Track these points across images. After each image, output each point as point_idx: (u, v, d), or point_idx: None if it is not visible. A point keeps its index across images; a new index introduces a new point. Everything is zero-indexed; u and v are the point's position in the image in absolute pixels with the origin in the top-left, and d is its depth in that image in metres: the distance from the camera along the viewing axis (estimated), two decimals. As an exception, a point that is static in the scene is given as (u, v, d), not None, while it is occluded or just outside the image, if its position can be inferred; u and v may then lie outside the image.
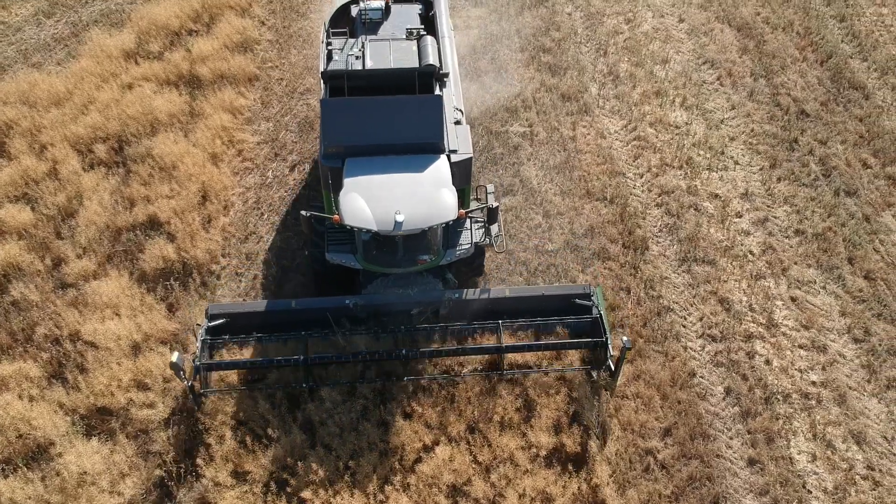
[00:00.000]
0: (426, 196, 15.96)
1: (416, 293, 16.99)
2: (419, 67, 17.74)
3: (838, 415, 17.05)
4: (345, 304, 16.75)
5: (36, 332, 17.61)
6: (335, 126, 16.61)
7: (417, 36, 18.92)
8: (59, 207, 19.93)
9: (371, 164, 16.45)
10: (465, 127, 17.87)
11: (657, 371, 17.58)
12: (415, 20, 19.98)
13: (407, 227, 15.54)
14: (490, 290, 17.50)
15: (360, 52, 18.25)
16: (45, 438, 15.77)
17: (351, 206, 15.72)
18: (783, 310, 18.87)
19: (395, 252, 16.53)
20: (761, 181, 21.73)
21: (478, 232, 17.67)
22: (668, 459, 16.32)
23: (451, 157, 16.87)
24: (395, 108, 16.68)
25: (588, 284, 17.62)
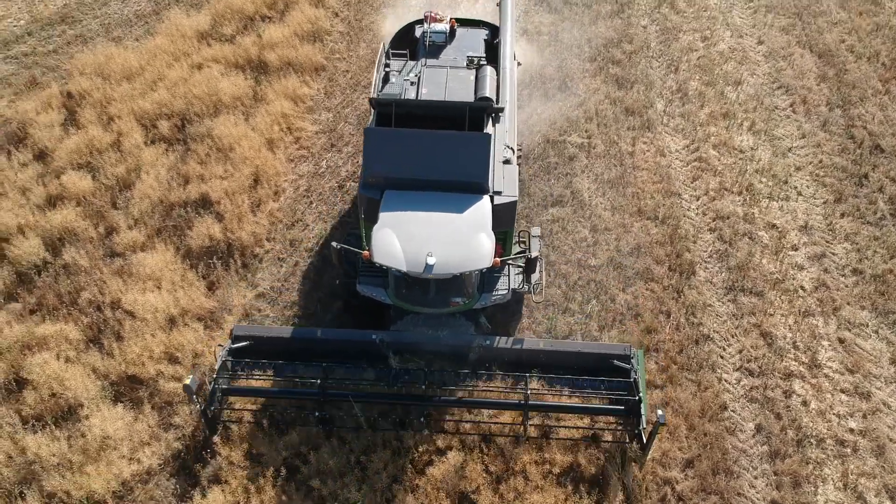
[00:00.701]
0: (462, 240, 15.26)
1: (446, 335, 16.34)
2: (471, 102, 17.09)
3: (874, 466, 16.25)
4: (371, 339, 16.18)
5: (81, 296, 18.23)
6: (377, 156, 16.01)
7: (477, 65, 18.48)
8: (118, 178, 20.61)
9: (410, 199, 15.78)
10: (513, 167, 17.00)
11: (687, 400, 17.09)
12: (479, 47, 19.55)
13: (438, 270, 14.87)
14: (524, 340, 16.60)
15: (417, 78, 17.91)
16: (75, 400, 16.32)
17: (383, 242, 15.10)
18: (829, 350, 18.10)
19: (427, 291, 15.82)
20: (823, 215, 20.88)
21: (517, 277, 16.99)
22: (686, 492, 15.84)
23: (494, 199, 16.08)
24: (441, 143, 15.94)
25: (629, 345, 16.50)
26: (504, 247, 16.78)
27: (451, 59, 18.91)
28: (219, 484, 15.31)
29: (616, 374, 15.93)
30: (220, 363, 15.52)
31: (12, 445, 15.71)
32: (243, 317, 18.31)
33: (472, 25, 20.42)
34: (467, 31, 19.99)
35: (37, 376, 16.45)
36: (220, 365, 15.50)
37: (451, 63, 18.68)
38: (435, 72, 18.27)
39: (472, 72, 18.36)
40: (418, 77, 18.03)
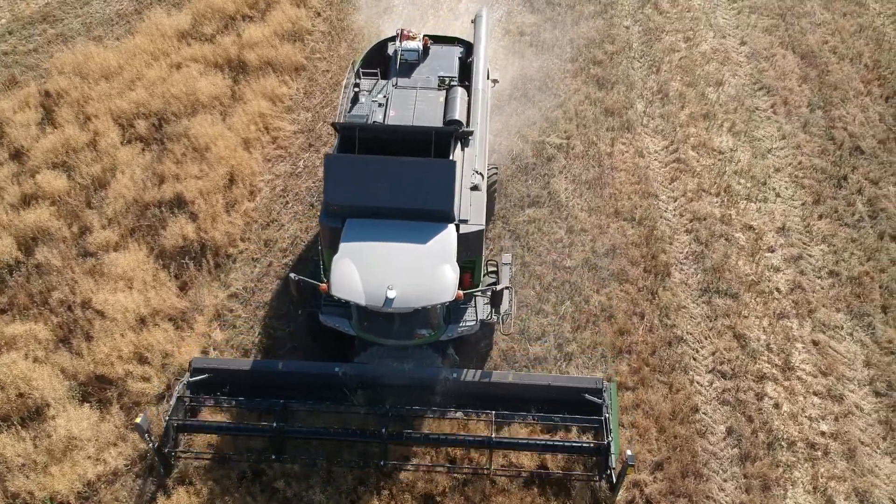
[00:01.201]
0: (424, 272, 14.66)
1: (411, 368, 15.80)
2: (437, 127, 16.51)
3: (844, 470, 16.17)
4: (334, 372, 15.68)
5: (52, 296, 18.19)
6: (338, 183, 15.34)
7: (448, 86, 18.05)
8: (93, 178, 20.57)
9: (372, 228, 15.20)
10: (481, 193, 16.39)
11: (658, 402, 17.01)
12: (452, 66, 18.99)
13: (398, 304, 14.30)
14: (492, 374, 16.06)
15: (385, 99, 17.48)
16: (42, 400, 16.26)
17: (341, 275, 14.54)
18: (802, 353, 18.02)
19: (391, 323, 15.33)
20: (801, 217, 20.80)
21: (485, 307, 16.30)
22: (654, 494, 15.75)
23: (460, 228, 15.49)
24: (405, 170, 15.32)
25: (601, 379, 15.97)
26: (472, 276, 16.24)
27: (423, 78, 18.40)
28: (184, 485, 15.22)
29: (587, 408, 15.44)
30: (175, 398, 15.05)
31: (-23, 445, 15.66)
32: (214, 317, 18.26)
33: (447, 43, 19.87)
34: (441, 49, 19.46)
35: (4, 376, 16.40)
36: (176, 400, 15.03)
37: (421, 84, 18.20)
38: (404, 93, 17.82)
39: (442, 93, 17.90)
40: (387, 98, 17.60)
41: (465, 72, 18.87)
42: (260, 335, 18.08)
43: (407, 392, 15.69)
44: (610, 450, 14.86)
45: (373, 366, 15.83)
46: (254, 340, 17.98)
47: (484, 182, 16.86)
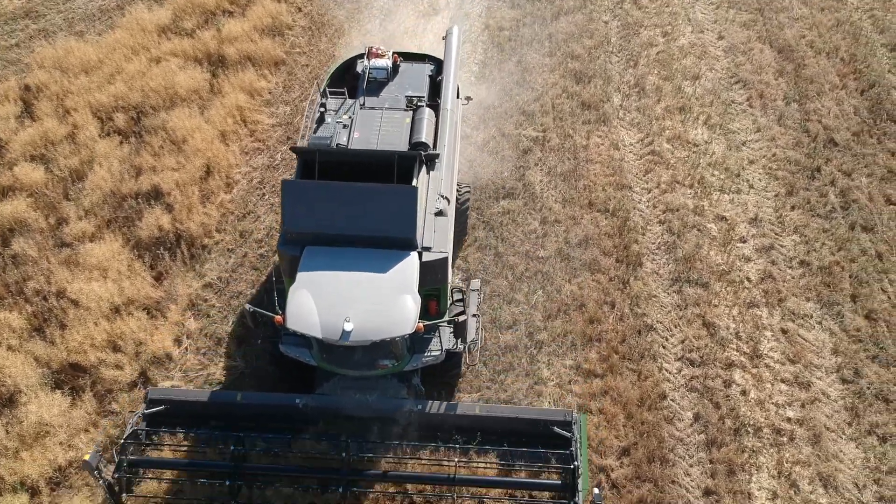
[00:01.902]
0: (383, 303, 14.19)
1: (374, 399, 15.36)
2: (400, 152, 16.03)
3: (809, 455, 16.33)
4: (294, 403, 15.27)
5: (27, 285, 18.37)
6: (296, 210, 14.86)
7: (415, 106, 17.69)
8: (71, 170, 20.73)
9: (331, 256, 14.74)
10: (446, 219, 15.91)
11: (626, 389, 17.18)
12: (422, 84, 18.56)
13: (355, 338, 13.89)
14: (458, 405, 15.62)
15: (349, 121, 17.07)
16: (14, 387, 16.43)
17: (297, 306, 14.11)
18: (771, 341, 18.18)
19: (352, 354, 14.89)
20: (774, 208, 20.97)
21: (451, 337, 15.79)
22: (620, 479, 15.92)
23: (423, 256, 15.03)
24: (365, 196, 14.79)
25: (570, 410, 15.56)
26: (438, 303, 15.86)
27: (391, 97, 18.01)
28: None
29: (556, 441, 15.03)
30: (129, 431, 14.69)
31: (-51, 433, 15.82)
32: (188, 306, 18.43)
33: (418, 60, 19.43)
34: (411, 67, 18.99)
35: (-23, 364, 16.56)
36: (129, 433, 14.68)
37: (388, 104, 17.78)
38: (369, 114, 17.40)
39: (408, 114, 17.48)
40: (352, 119, 17.18)
41: (435, 90, 18.47)
42: (233, 324, 18.23)
43: (370, 424, 15.32)
44: (577, 487, 14.38)
45: (334, 397, 15.41)
46: (228, 330, 18.14)
47: (451, 206, 16.45)
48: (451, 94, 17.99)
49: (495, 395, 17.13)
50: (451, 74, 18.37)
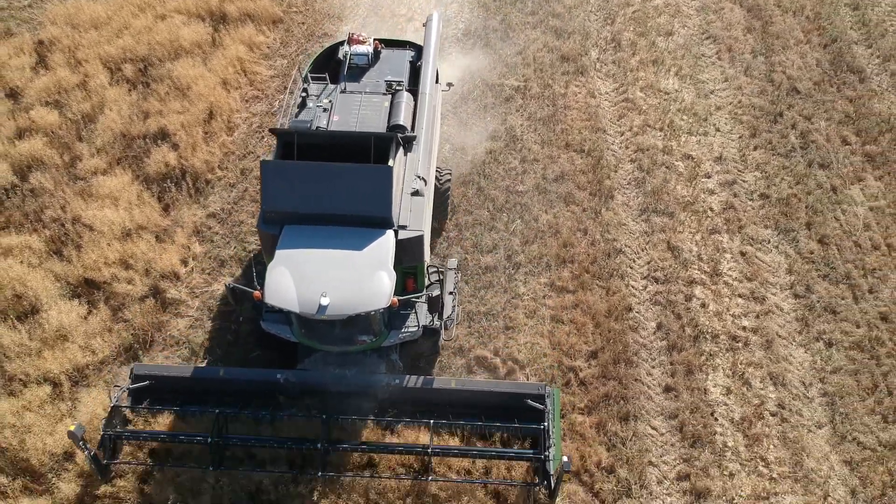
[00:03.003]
0: (359, 278, 14.51)
1: (353, 375, 15.75)
2: (376, 133, 16.39)
3: (761, 358, 17.89)
4: (275, 379, 15.70)
5: (45, 213, 19.87)
6: (275, 190, 15.17)
7: (393, 91, 18.11)
8: (83, 114, 22.24)
9: (308, 234, 15.06)
10: (421, 199, 16.18)
11: (595, 302, 18.74)
12: (403, 69, 18.99)
13: (331, 312, 14.18)
14: (434, 380, 16.06)
15: (329, 105, 17.46)
16: (36, 299, 17.94)
17: (275, 282, 14.40)
18: (730, 262, 19.74)
19: (331, 330, 15.24)
20: (738, 148, 22.53)
21: (428, 314, 16.24)
22: (588, 378, 17.49)
23: (399, 234, 15.36)
24: (342, 176, 15.10)
25: (544, 384, 16.00)
26: (416, 281, 16.33)
27: (372, 82, 18.41)
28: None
29: (529, 414, 15.52)
30: (112, 404, 15.15)
31: (-23, 336, 17.37)
32: (193, 232, 19.96)
33: (399, 46, 19.88)
34: (392, 53, 19.45)
35: (1, 279, 18.08)
36: (112, 408, 15.11)
37: (370, 87, 18.20)
38: (349, 98, 17.75)
39: (387, 98, 17.88)
40: (332, 103, 17.54)
41: (416, 75, 18.90)
42: (235, 249, 19.77)
43: (348, 399, 15.65)
44: (550, 457, 14.89)
45: (314, 372, 15.82)
46: (231, 254, 19.68)
47: (429, 187, 16.88)
48: (430, 79, 18.45)
49: (476, 308, 18.68)
50: (431, 60, 18.94)
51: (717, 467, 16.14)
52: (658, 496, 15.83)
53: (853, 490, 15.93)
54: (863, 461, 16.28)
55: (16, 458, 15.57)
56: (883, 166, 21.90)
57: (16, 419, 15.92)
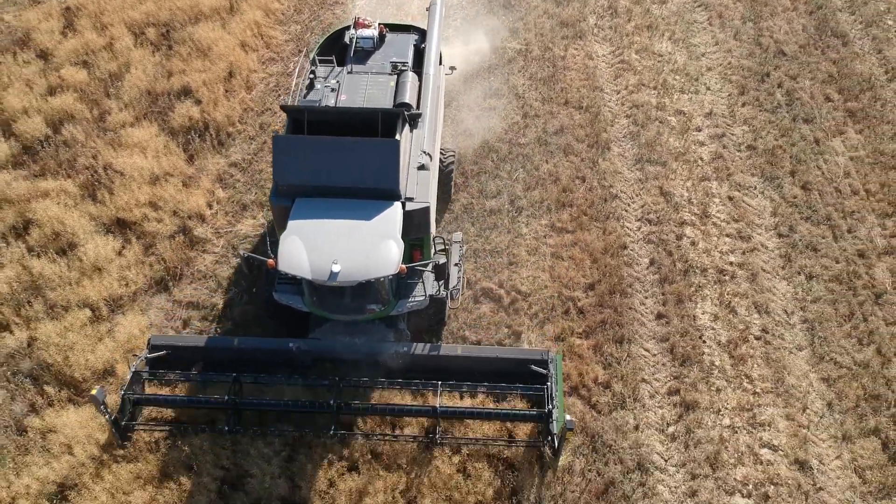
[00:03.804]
0: (369, 247, 15.17)
1: (362, 343, 16.41)
2: (383, 109, 16.88)
3: (747, 289, 19.28)
4: (288, 347, 16.36)
5: (78, 161, 21.24)
6: (287, 164, 15.80)
7: (399, 71, 18.69)
8: (110, 73, 23.62)
9: (319, 206, 15.71)
10: (428, 172, 16.86)
11: (593, 241, 20.13)
12: (407, 52, 19.53)
13: (343, 278, 14.82)
14: (440, 347, 16.79)
15: (337, 85, 18.03)
16: (73, 236, 19.31)
17: (288, 250, 15.07)
18: (719, 206, 21.13)
19: (342, 299, 15.86)
20: (727, 105, 23.92)
21: (434, 283, 16.93)
22: (586, 307, 18.88)
23: (406, 205, 16.00)
24: (350, 150, 15.70)
25: (547, 350, 16.70)
26: (422, 253, 16.92)
27: (378, 64, 18.97)
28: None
29: (532, 379, 16.12)
30: (131, 372, 15.76)
31: (21, 268, 18.75)
32: (217, 179, 21.33)
33: (403, 30, 20.44)
34: (397, 37, 20.01)
35: (41, 218, 19.48)
36: (132, 374, 15.73)
37: (375, 69, 18.78)
38: (356, 78, 18.35)
39: (393, 77, 18.45)
40: (339, 83, 18.09)
41: (420, 58, 19.43)
42: (256, 194, 21.15)
43: (358, 366, 16.33)
44: (552, 417, 15.40)
45: (325, 341, 16.45)
46: (252, 199, 21.05)
47: (434, 162, 17.53)
48: (433, 60, 19.12)
49: (481, 246, 20.05)
50: (434, 42, 19.55)
51: (705, 383, 17.52)
52: (650, 408, 17.21)
53: (829, 403, 17.31)
54: (839, 378, 17.66)
55: (60, 372, 16.96)
56: (863, 121, 23.28)
57: (59, 339, 17.30)
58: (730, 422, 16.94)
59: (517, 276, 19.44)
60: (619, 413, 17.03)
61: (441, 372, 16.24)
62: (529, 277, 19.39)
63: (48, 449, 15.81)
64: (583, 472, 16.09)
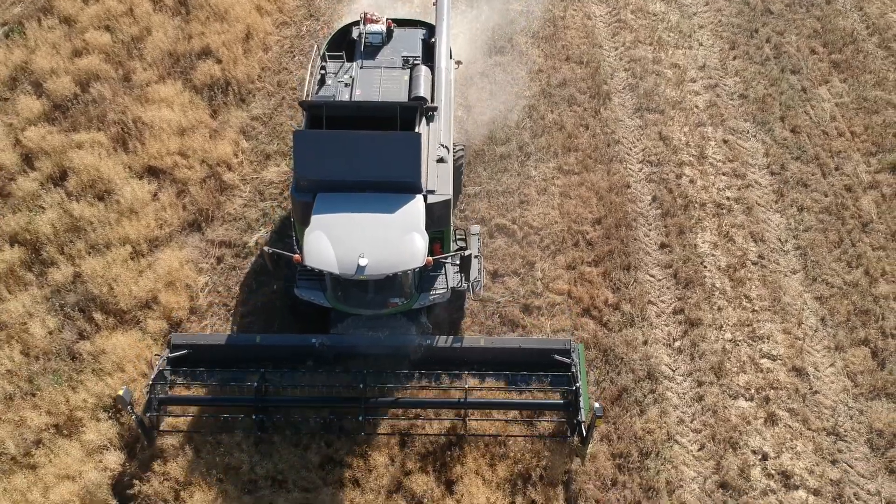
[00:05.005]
0: (394, 240, 15.14)
1: (386, 337, 16.29)
2: (402, 102, 17.10)
3: (744, 220, 20.66)
4: (311, 343, 16.19)
5: (107, 116, 22.33)
6: (308, 159, 15.73)
7: (411, 65, 18.80)
8: (132, 36, 24.71)
9: (342, 201, 15.62)
10: (447, 165, 16.87)
11: (598, 181, 21.44)
12: (416, 47, 19.64)
13: (370, 272, 14.75)
14: (463, 339, 16.72)
15: (351, 80, 18.08)
16: (109, 182, 20.41)
17: (314, 245, 14.99)
18: (715, 148, 22.51)
19: (364, 293, 15.85)
20: (719, 59, 25.31)
21: (456, 276, 16.97)
22: (595, 239, 20.19)
23: (427, 198, 16.00)
24: (372, 143, 15.69)
25: (569, 339, 16.71)
26: (442, 246, 16.82)
27: (387, 59, 19.04)
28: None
29: (556, 369, 16.12)
30: (156, 372, 15.53)
31: (62, 211, 19.82)
32: (240, 131, 22.48)
33: (410, 25, 20.55)
34: (404, 32, 20.12)
35: (78, 166, 20.56)
36: (156, 374, 15.51)
37: (386, 64, 18.86)
38: (369, 73, 18.39)
39: (406, 72, 18.52)
40: (352, 79, 18.11)
41: (429, 53, 19.58)
42: (278, 145, 22.31)
43: (382, 360, 16.21)
44: (580, 405, 15.42)
45: (348, 336, 16.32)
46: (275, 149, 22.21)
47: (450, 155, 17.37)
48: (444, 53, 19.30)
49: (493, 188, 21.31)
50: (444, 36, 19.71)
51: (707, 303, 18.87)
52: (657, 326, 18.55)
53: (822, 318, 18.70)
54: (830, 296, 19.05)
55: (106, 302, 18.08)
56: (847, 71, 24.71)
57: (104, 271, 18.41)
58: (731, 336, 18.28)
59: (529, 213, 20.72)
60: (629, 330, 18.33)
61: (463, 363, 16.27)
62: (540, 214, 20.67)
63: (101, 369, 16.90)
64: (597, 382, 17.39)
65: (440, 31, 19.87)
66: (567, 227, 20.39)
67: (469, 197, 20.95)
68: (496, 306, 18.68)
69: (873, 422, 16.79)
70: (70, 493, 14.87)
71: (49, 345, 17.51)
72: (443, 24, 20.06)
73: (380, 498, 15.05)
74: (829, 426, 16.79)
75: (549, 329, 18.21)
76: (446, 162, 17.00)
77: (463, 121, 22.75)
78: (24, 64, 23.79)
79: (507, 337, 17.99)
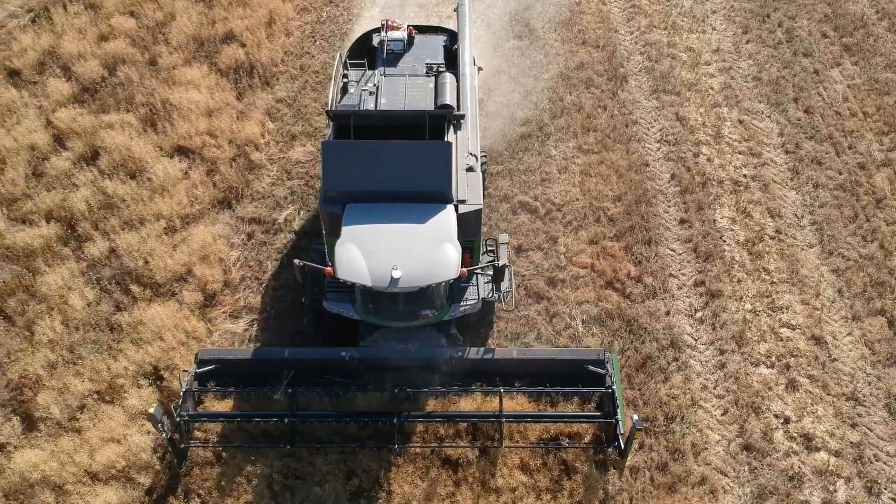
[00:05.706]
0: (427, 251, 14.82)
1: (416, 349, 15.98)
2: (430, 111, 16.86)
3: (760, 197, 21.14)
4: (340, 357, 15.84)
5: (135, 98, 22.79)
6: (336, 170, 15.37)
7: (436, 73, 18.47)
8: (157, 21, 25.16)
9: (372, 211, 15.29)
10: (476, 174, 16.55)
11: (617, 160, 21.92)
12: (438, 53, 19.35)
13: (403, 284, 14.47)
14: (495, 350, 16.39)
15: (375, 88, 17.74)
16: (140, 160, 20.88)
17: (346, 258, 14.66)
18: (730, 128, 22.99)
19: (395, 305, 15.55)
20: (733, 42, 25.80)
21: (486, 286, 16.74)
22: (615, 215, 20.67)
23: (458, 208, 15.62)
24: (401, 153, 15.35)
25: (603, 350, 16.50)
26: (472, 256, 16.46)
27: (409, 67, 18.72)
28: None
29: (591, 380, 15.92)
30: (184, 389, 15.30)
31: (95, 189, 20.28)
32: (266, 113, 22.93)
33: (431, 32, 20.32)
34: (426, 38, 19.81)
35: (110, 145, 21.02)
36: (185, 391, 15.29)
37: (409, 71, 18.53)
38: (393, 81, 18.05)
39: (431, 79, 18.21)
40: (377, 87, 17.79)
41: (451, 59, 19.25)
42: (303, 126, 22.76)
43: (413, 373, 15.92)
44: (618, 417, 15.33)
45: (379, 349, 16.03)
46: (300, 130, 22.66)
47: (478, 164, 17.07)
48: (468, 60, 18.93)
49: (515, 167, 21.78)
50: (467, 42, 19.42)
51: (727, 276, 19.36)
52: (679, 297, 19.03)
53: (840, 290, 19.19)
54: (846, 269, 19.54)
55: (142, 275, 18.56)
56: (858, 54, 25.21)
57: (139, 246, 18.88)
58: (751, 307, 18.77)
59: (550, 190, 21.19)
60: (651, 302, 18.81)
61: (495, 375, 16.06)
62: (561, 192, 21.14)
63: (139, 338, 17.36)
64: (622, 350, 17.87)
65: (462, 37, 19.65)
66: (588, 204, 20.86)
67: (492, 175, 21.39)
68: (521, 279, 19.16)
69: (891, 387, 17.28)
70: (116, 454, 15.34)
71: (88, 316, 17.96)
72: (465, 30, 19.86)
73: None
74: (848, 392, 17.28)
75: (574, 300, 18.67)
76: (475, 171, 16.71)
77: (484, 103, 23.20)
78: (51, 48, 24.22)
79: (538, 348, 17.64)
